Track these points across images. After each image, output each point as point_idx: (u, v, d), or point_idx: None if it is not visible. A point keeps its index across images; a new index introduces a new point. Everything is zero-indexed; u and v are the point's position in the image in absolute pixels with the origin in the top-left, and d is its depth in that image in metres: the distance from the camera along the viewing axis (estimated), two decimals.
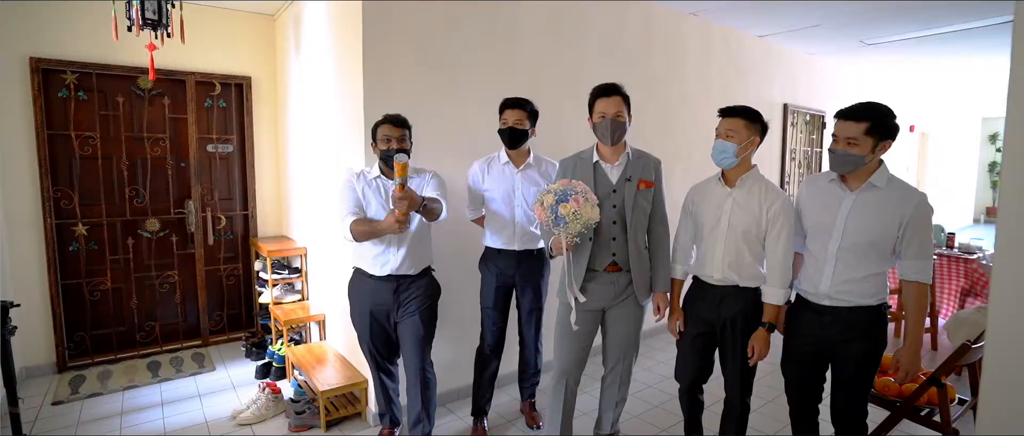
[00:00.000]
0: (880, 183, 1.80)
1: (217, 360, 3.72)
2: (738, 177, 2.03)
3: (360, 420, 2.89)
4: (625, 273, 2.16)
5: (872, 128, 1.75)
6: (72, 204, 3.46)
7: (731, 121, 1.99)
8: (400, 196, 1.95)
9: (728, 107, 2.03)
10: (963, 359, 2.23)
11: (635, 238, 2.14)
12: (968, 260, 4.25)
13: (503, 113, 2.51)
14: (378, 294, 2.31)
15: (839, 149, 1.81)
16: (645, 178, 2.16)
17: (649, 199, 2.18)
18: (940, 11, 4.05)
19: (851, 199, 1.84)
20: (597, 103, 2.14)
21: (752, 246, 2.00)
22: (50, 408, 3.01)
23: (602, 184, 2.16)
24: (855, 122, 1.77)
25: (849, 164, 1.80)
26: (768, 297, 1.99)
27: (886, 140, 1.77)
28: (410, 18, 2.72)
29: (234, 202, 4.08)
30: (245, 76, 3.98)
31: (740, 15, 4.23)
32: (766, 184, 2.02)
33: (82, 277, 3.54)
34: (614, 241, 2.14)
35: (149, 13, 2.51)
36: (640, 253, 2.16)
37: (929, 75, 7.01)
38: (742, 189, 2.02)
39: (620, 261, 2.15)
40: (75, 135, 3.43)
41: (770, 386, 3.29)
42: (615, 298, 2.19)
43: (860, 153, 1.77)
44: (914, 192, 1.77)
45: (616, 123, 2.10)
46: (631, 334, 2.25)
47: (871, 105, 1.78)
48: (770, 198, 1.98)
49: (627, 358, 2.27)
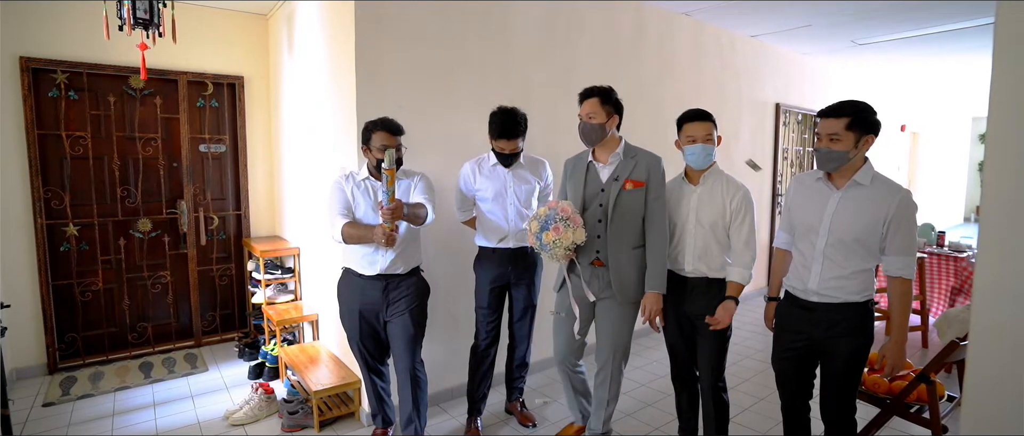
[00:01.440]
0: (865, 180, 1.83)
1: (210, 361, 3.71)
2: (702, 175, 2.18)
3: (354, 420, 2.89)
4: (609, 269, 2.22)
5: (852, 123, 1.78)
6: (63, 204, 3.44)
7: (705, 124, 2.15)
8: (391, 208, 2.04)
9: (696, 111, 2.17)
10: (952, 356, 2.26)
11: (617, 237, 2.19)
12: (958, 258, 4.29)
13: (497, 140, 2.45)
14: (367, 293, 2.32)
15: (823, 146, 1.85)
16: (635, 178, 2.18)
17: (638, 199, 2.18)
18: (931, 11, 4.09)
19: (837, 197, 1.87)
20: (581, 107, 2.23)
21: (719, 237, 2.14)
22: (41, 410, 2.99)
23: (592, 183, 2.25)
24: (836, 118, 1.81)
25: (833, 160, 1.83)
26: (731, 275, 2.12)
27: (868, 134, 1.80)
28: (403, 18, 2.72)
29: (227, 202, 4.07)
30: (238, 76, 3.97)
31: (732, 15, 4.24)
32: (726, 179, 2.17)
33: (73, 278, 3.52)
34: (598, 238, 2.22)
35: (141, 12, 2.51)
36: (623, 253, 2.19)
37: (920, 75, 7.06)
38: (705, 185, 2.17)
39: (602, 257, 2.23)
40: (66, 135, 3.41)
41: (762, 384, 3.31)
42: (601, 292, 2.26)
43: (843, 149, 1.80)
44: (898, 189, 1.80)
45: (588, 125, 2.18)
46: (618, 332, 2.26)
47: (850, 101, 1.83)
48: (731, 191, 2.13)
49: (615, 357, 2.28)
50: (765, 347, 3.89)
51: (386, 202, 2.05)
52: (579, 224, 2.12)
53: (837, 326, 1.88)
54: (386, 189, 2.04)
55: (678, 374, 2.34)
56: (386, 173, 2.01)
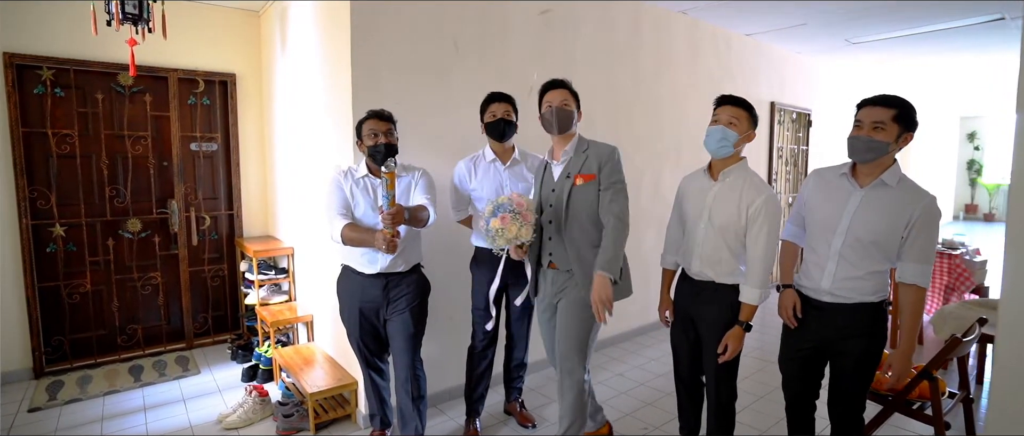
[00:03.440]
0: (891, 181, 1.75)
1: (202, 363, 3.64)
2: (722, 170, 1.99)
3: (350, 422, 2.84)
4: (563, 272, 2.14)
5: (899, 116, 1.72)
6: (49, 204, 3.36)
7: (735, 109, 1.96)
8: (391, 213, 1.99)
9: (730, 96, 2.01)
10: (954, 352, 2.25)
11: (570, 235, 2.08)
12: (952, 256, 4.31)
13: (489, 107, 2.47)
14: (367, 291, 2.28)
15: (864, 134, 1.74)
16: (585, 172, 2.07)
17: (590, 193, 2.06)
18: (924, 10, 4.11)
19: (859, 195, 1.79)
20: (545, 95, 2.16)
21: (730, 242, 1.96)
22: (26, 415, 2.91)
23: (547, 184, 2.19)
24: (884, 108, 1.73)
25: (872, 150, 1.73)
26: (745, 296, 1.94)
27: (908, 132, 1.74)
28: (398, 16, 2.68)
29: (219, 201, 4.00)
30: (229, 73, 3.90)
31: (728, 14, 4.24)
32: (750, 178, 1.95)
33: (60, 279, 3.44)
34: (549, 241, 2.16)
35: (130, 8, 2.44)
36: (580, 250, 2.07)
37: (911, 74, 7.12)
38: (725, 183, 1.98)
39: (557, 260, 2.15)
40: (52, 133, 3.33)
41: (762, 382, 3.30)
42: (557, 294, 2.18)
43: (886, 139, 1.72)
44: (924, 194, 1.73)
45: (564, 111, 2.09)
46: (571, 329, 2.10)
47: (898, 96, 1.76)
48: (751, 193, 1.91)
49: (567, 359, 2.10)
50: (763, 345, 3.88)
51: (386, 206, 2.00)
52: (528, 221, 2.01)
53: (849, 327, 1.83)
54: (386, 193, 1.98)
55: (679, 373, 2.28)
56: (385, 177, 1.96)
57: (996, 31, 4.70)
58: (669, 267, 2.25)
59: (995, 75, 7.10)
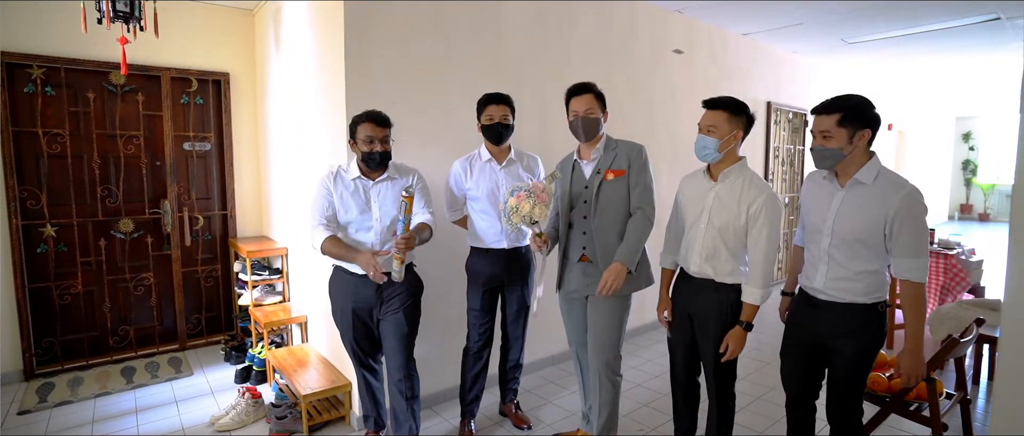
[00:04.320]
0: (866, 179, 1.75)
1: (195, 364, 3.61)
2: (721, 171, 1.99)
3: (344, 424, 2.81)
4: (594, 264, 2.21)
5: (844, 119, 1.73)
6: (40, 204, 3.32)
7: (713, 114, 1.98)
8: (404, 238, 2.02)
9: (711, 99, 2.01)
10: (951, 353, 2.25)
11: (603, 229, 2.18)
12: (948, 255, 4.30)
13: (486, 108, 2.45)
14: (360, 292, 2.25)
15: (816, 144, 1.80)
16: (615, 168, 2.18)
17: (620, 188, 2.18)
18: (920, 11, 4.11)
19: (840, 196, 1.81)
20: (571, 102, 2.23)
21: (730, 242, 1.97)
22: (16, 418, 2.87)
23: (578, 180, 2.26)
24: (827, 115, 1.76)
25: (826, 158, 1.78)
26: (746, 296, 1.95)
27: (863, 129, 1.73)
28: (393, 15, 2.66)
29: (212, 201, 3.97)
30: (223, 72, 3.87)
31: (724, 13, 4.24)
32: (750, 179, 1.96)
33: (51, 280, 3.40)
34: (584, 235, 2.22)
35: (121, 6, 2.41)
36: (612, 246, 2.17)
37: (907, 74, 7.14)
38: (724, 184, 1.99)
39: (589, 253, 2.22)
40: (43, 132, 3.29)
41: (759, 383, 3.29)
42: (589, 287, 2.23)
43: (835, 146, 1.74)
44: (901, 186, 1.71)
45: (589, 119, 2.18)
46: (606, 324, 2.22)
47: (842, 96, 1.77)
48: (752, 194, 1.92)
49: (602, 353, 2.22)
50: (761, 344, 3.87)
51: (401, 231, 2.03)
52: (544, 202, 2.08)
53: (841, 326, 1.82)
54: (403, 218, 2.02)
55: (675, 373, 2.27)
56: (404, 201, 2.00)
57: (992, 31, 4.71)
58: (668, 267, 2.25)
59: (991, 75, 7.12)
